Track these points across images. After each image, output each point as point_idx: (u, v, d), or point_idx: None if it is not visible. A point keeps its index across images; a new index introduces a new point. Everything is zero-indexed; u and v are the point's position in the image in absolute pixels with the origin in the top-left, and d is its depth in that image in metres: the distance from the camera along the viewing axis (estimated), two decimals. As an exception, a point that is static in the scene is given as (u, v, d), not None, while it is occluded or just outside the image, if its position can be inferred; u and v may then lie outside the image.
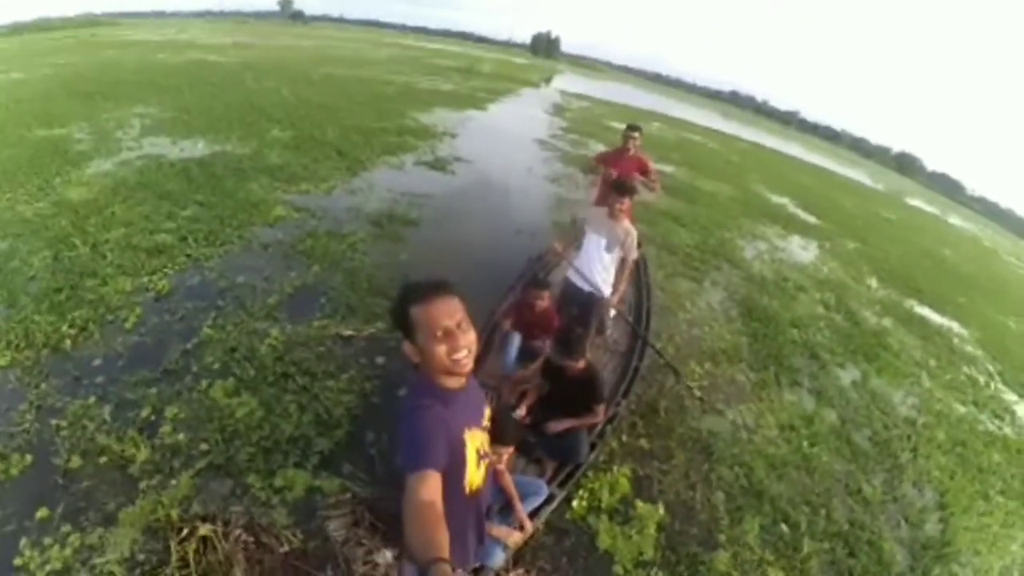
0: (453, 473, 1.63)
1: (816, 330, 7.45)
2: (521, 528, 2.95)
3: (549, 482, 3.46)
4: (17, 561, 2.81)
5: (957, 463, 5.40)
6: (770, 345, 6.59)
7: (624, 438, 4.41)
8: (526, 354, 4.49)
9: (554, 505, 3.35)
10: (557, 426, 3.66)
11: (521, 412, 3.81)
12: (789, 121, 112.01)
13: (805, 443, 4.96)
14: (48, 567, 2.79)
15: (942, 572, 4.04)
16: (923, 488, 4.89)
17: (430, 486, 1.42)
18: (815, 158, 44.58)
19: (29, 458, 3.38)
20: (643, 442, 4.43)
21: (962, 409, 6.57)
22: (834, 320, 8.06)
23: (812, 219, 15.32)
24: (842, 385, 6.25)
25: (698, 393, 5.04)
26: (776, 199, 16.87)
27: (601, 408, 3.74)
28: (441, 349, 1.58)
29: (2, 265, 5.31)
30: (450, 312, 1.60)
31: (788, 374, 6.08)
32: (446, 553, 1.24)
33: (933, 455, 5.39)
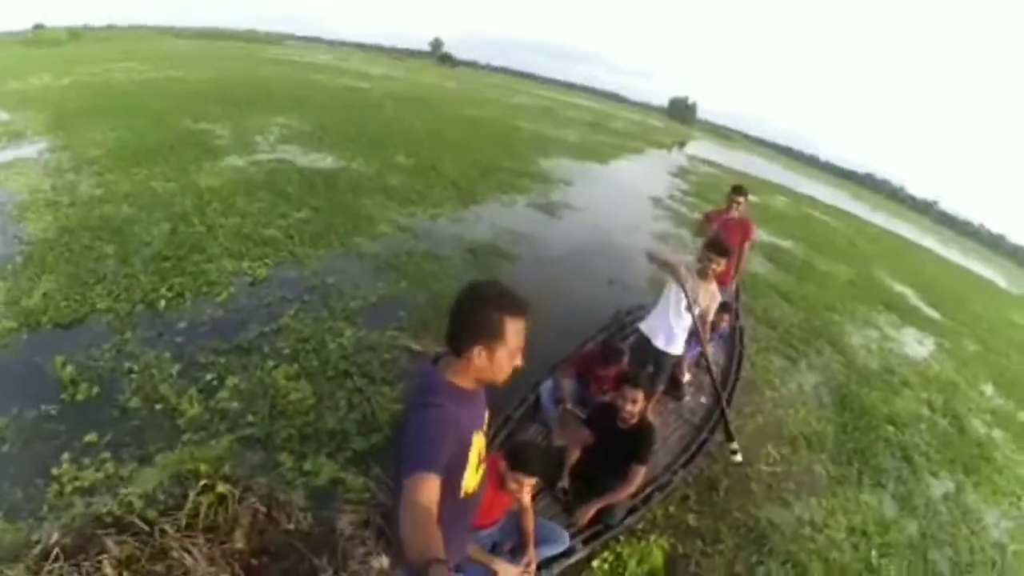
0: (453, 474, 1.61)
1: (915, 431, 6.62)
2: (526, 570, 2.79)
3: (574, 535, 3.26)
4: (54, 471, 3.12)
5: (1043, 598, 4.55)
6: (859, 440, 5.93)
7: (671, 509, 4.08)
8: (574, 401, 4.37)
9: (572, 560, 3.16)
10: (587, 511, 3.41)
11: (571, 458, 3.64)
12: (925, 210, 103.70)
13: (875, 553, 4.36)
14: (78, 483, 3.07)
15: None
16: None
17: (429, 489, 1.39)
18: (948, 252, 40.70)
19: (96, 390, 3.79)
20: (691, 518, 4.08)
21: (1061, 542, 5.55)
22: (937, 423, 7.15)
23: (933, 313, 13.87)
24: (931, 495, 5.47)
25: (738, 459, 4.37)
26: (897, 287, 15.47)
27: (640, 471, 3.47)
28: (512, 363, 1.63)
29: (124, 228, 6.01)
30: (526, 332, 1.64)
31: (873, 474, 5.42)
32: (443, 554, 1.23)
33: (1017, 585, 4.58)
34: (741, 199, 5.78)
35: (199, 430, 3.60)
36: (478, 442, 1.73)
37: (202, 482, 2.96)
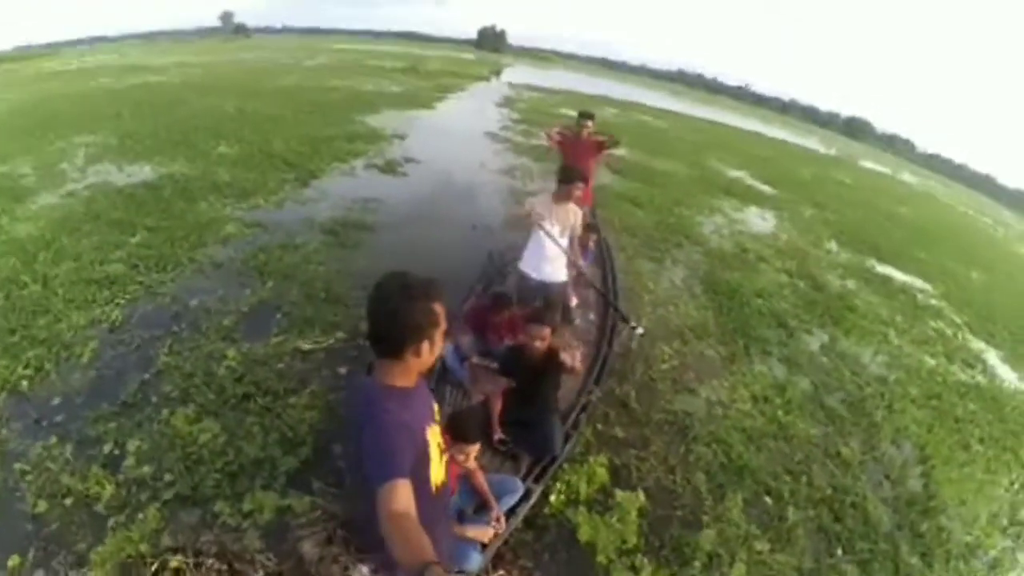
0: (419, 473, 1.63)
1: (781, 298, 7.57)
2: (496, 525, 2.91)
3: (524, 478, 3.42)
4: (-7, 614, 2.70)
5: (933, 416, 5.52)
6: (736, 318, 6.67)
7: (599, 427, 4.40)
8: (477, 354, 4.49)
9: (532, 501, 3.32)
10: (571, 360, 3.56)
11: (496, 409, 3.75)
12: (740, 96, 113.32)
13: (780, 412, 5.02)
14: None
15: (930, 527, 4.11)
16: (902, 445, 4.99)
17: (402, 495, 1.41)
18: (768, 129, 45.24)
19: None
20: (618, 430, 4.42)
21: (933, 362, 6.73)
22: (798, 287, 8.20)
23: (768, 189, 15.57)
24: (811, 351, 6.35)
25: (640, 330, 4.52)
26: (732, 173, 17.10)
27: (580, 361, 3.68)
28: (443, 346, 1.67)
29: (-46, 311, 5.08)
30: None
31: (757, 345, 6.15)
32: (434, 556, 1.24)
33: (908, 410, 5.50)
34: (590, 123, 6.02)
35: (121, 509, 3.26)
36: (434, 435, 1.76)
37: (151, 565, 2.73)
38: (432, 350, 1.65)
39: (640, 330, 4.59)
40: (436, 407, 1.88)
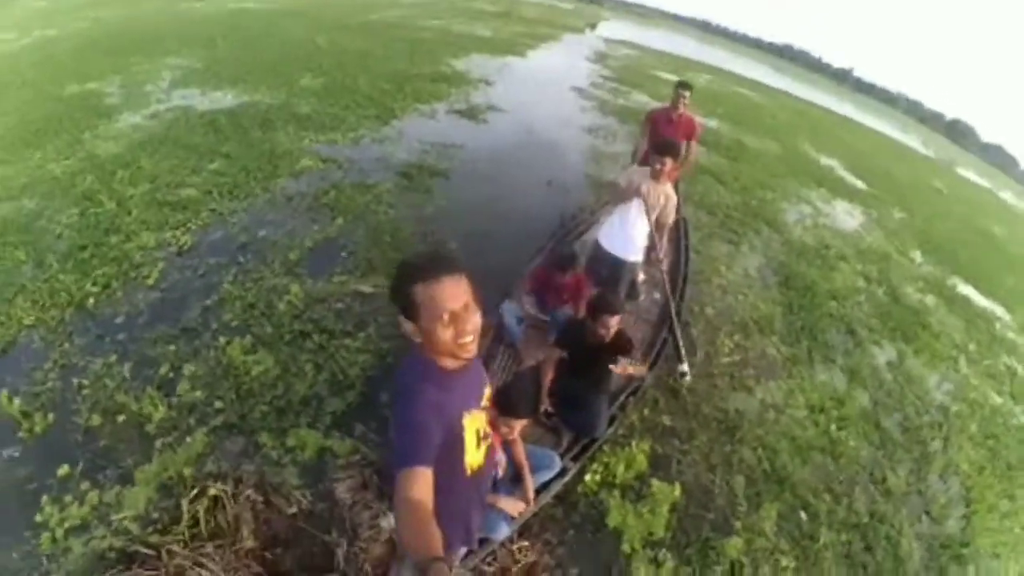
0: (451, 457, 1.59)
1: (855, 304, 7.12)
2: (527, 502, 2.88)
3: (563, 454, 3.37)
4: (38, 518, 2.89)
5: (987, 457, 5.14)
6: (806, 318, 6.32)
7: (646, 412, 4.28)
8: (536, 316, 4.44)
9: (567, 479, 3.28)
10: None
11: (546, 381, 3.69)
12: (843, 79, 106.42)
13: (833, 426, 4.77)
14: (67, 523, 2.87)
15: (958, 573, 3.87)
16: (949, 481, 4.68)
17: (420, 484, 1.36)
18: (867, 119, 42.34)
19: (52, 416, 3.47)
20: (665, 419, 4.29)
21: (998, 400, 6.23)
22: (874, 294, 7.69)
23: (860, 184, 14.56)
24: (877, 365, 5.97)
25: (687, 379, 4.57)
26: (824, 160, 16.06)
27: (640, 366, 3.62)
28: (447, 333, 1.46)
29: (30, 224, 5.40)
30: (457, 294, 1.45)
31: (822, 350, 5.84)
32: (441, 551, 1.22)
33: (964, 447, 5.14)
34: (687, 93, 5.69)
35: (170, 431, 3.42)
36: (473, 421, 1.68)
37: (192, 489, 2.86)
38: (422, 334, 1.49)
39: (688, 377, 4.50)
40: (487, 389, 1.81)
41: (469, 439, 1.65)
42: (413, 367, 1.58)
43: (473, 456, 1.71)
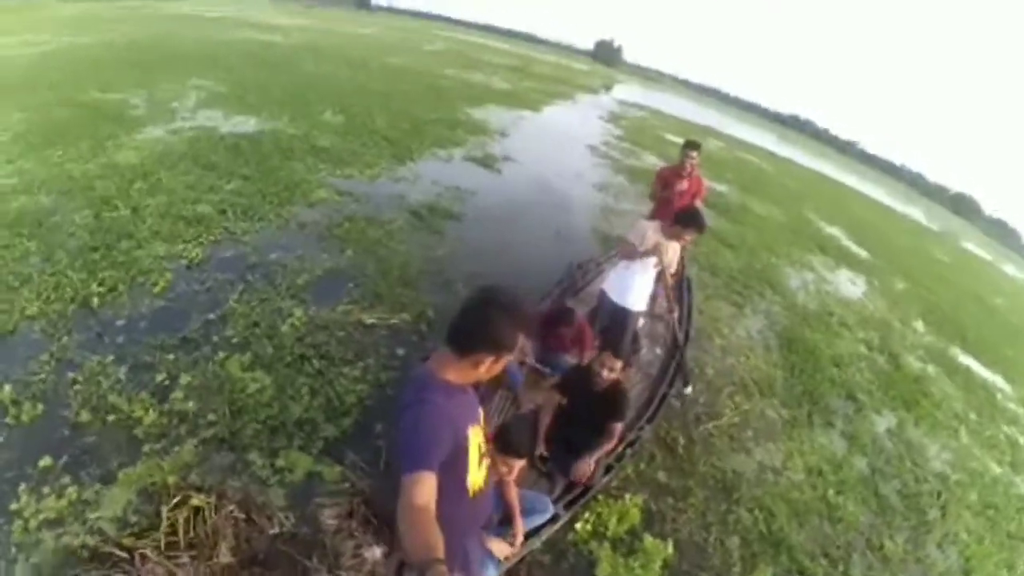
0: (455, 472, 1.64)
1: (856, 370, 7.08)
2: (514, 544, 2.80)
3: (556, 501, 3.29)
4: (13, 506, 2.84)
5: (986, 527, 5.04)
6: (807, 381, 6.28)
7: (642, 466, 4.21)
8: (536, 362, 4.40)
9: (558, 526, 3.20)
10: (586, 466, 3.43)
11: (543, 425, 3.64)
12: (848, 151, 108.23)
13: (832, 491, 4.67)
14: (42, 516, 2.81)
15: None
16: (947, 550, 4.56)
17: (426, 489, 1.39)
18: (871, 190, 43.00)
19: (41, 407, 3.44)
20: (661, 475, 4.22)
21: (998, 470, 6.15)
22: (876, 361, 7.66)
23: (863, 253, 14.69)
24: (877, 432, 5.90)
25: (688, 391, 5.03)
26: (829, 229, 16.25)
27: (619, 428, 3.53)
28: (498, 370, 1.68)
29: (44, 220, 5.46)
30: None
31: (822, 414, 5.78)
32: (442, 554, 1.23)
33: (963, 516, 5.04)
34: (695, 153, 5.71)
35: (159, 438, 3.37)
36: (476, 437, 1.74)
37: (174, 497, 2.80)
38: (490, 368, 1.65)
39: (688, 391, 4.57)
40: (482, 414, 1.87)
41: (472, 453, 1.70)
42: (424, 380, 1.64)
43: (475, 475, 1.75)
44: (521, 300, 1.68)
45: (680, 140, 6.12)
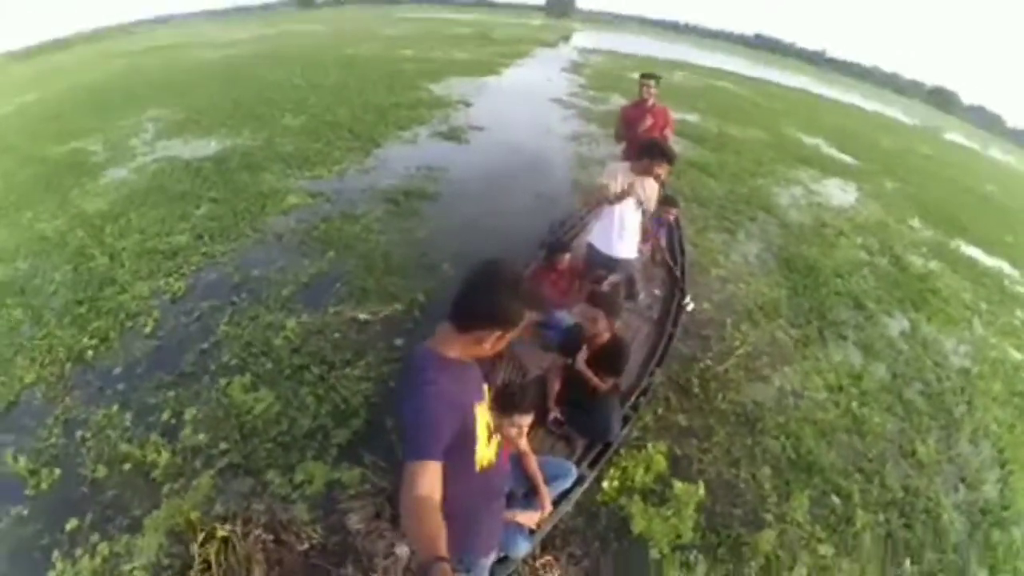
0: (462, 451, 1.60)
1: (860, 278, 7.03)
2: (544, 510, 2.77)
3: (578, 462, 3.26)
4: (51, 574, 2.83)
5: (1015, 415, 5.04)
6: (812, 298, 6.24)
7: (660, 412, 4.16)
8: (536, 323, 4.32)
9: (584, 486, 3.16)
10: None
11: (553, 389, 3.59)
12: (817, 61, 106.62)
13: (855, 404, 4.65)
14: None
15: (1002, 538, 3.74)
16: (980, 444, 4.57)
17: (429, 478, 1.36)
18: (847, 96, 42.52)
19: (58, 472, 3.44)
20: (680, 418, 4.17)
21: (1018, 356, 6.14)
22: (878, 266, 7.61)
23: (848, 159, 14.57)
24: (890, 336, 5.87)
25: (690, 307, 5.00)
26: (809, 141, 16.07)
27: (611, 382, 3.50)
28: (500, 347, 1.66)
29: (26, 285, 5.41)
30: None
31: (833, 328, 5.73)
32: (445, 550, 1.20)
33: (990, 408, 5.03)
34: (652, 82, 5.59)
35: (176, 477, 3.35)
36: (482, 413, 1.71)
37: (201, 532, 2.78)
38: (495, 344, 1.62)
39: (690, 306, 4.51)
40: (487, 388, 1.83)
41: (481, 430, 1.67)
42: (426, 360, 1.60)
43: (484, 451, 1.72)
44: (518, 276, 1.66)
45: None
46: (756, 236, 7.86)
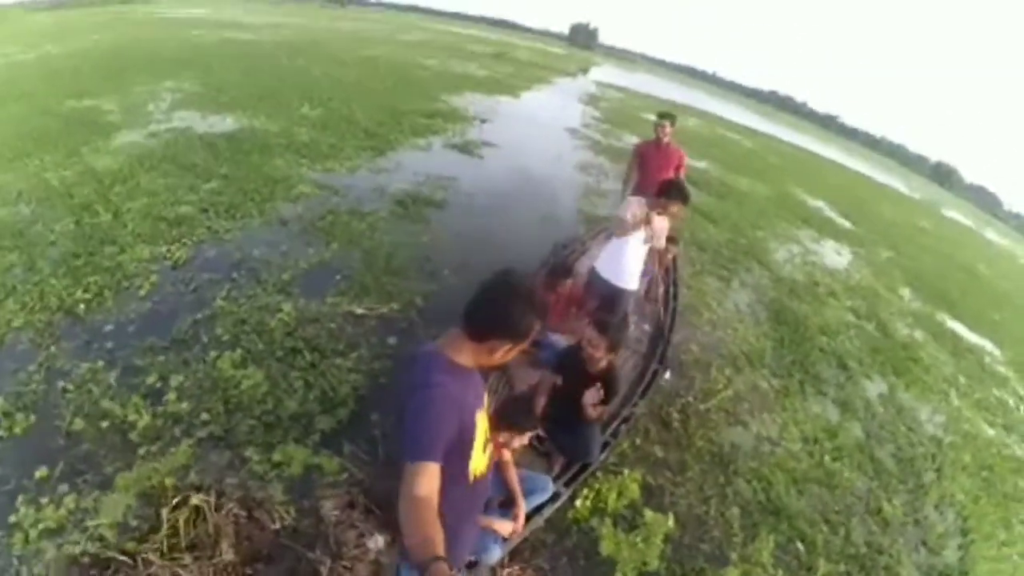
0: (458, 458, 1.60)
1: (845, 338, 7.17)
2: (518, 522, 2.81)
3: (556, 479, 3.30)
4: (12, 518, 2.81)
5: (982, 487, 5.14)
6: (797, 351, 6.35)
7: (638, 442, 4.22)
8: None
9: (558, 504, 3.22)
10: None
11: (538, 405, 3.65)
12: (828, 125, 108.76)
13: (828, 458, 4.74)
14: (42, 526, 2.78)
15: None
16: (945, 511, 4.65)
17: (428, 479, 1.37)
18: (853, 163, 43.32)
19: (33, 418, 3.40)
20: (657, 449, 4.23)
21: (990, 431, 6.27)
22: (864, 329, 7.76)
23: (847, 224, 14.85)
24: (869, 397, 5.99)
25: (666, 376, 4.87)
26: (812, 202, 16.38)
27: (602, 411, 3.53)
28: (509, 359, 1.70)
29: (25, 230, 5.38)
30: None
31: (814, 383, 5.84)
32: (442, 550, 1.22)
33: (958, 477, 5.14)
34: (666, 123, 5.69)
35: (154, 440, 3.33)
36: (482, 421, 1.72)
37: (173, 498, 2.77)
38: (505, 355, 1.65)
39: (667, 375, 4.57)
40: (486, 396, 1.85)
41: (479, 438, 1.68)
42: (434, 361, 1.61)
43: (478, 460, 1.72)
44: (534, 293, 1.67)
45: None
46: (749, 286, 8.00)
